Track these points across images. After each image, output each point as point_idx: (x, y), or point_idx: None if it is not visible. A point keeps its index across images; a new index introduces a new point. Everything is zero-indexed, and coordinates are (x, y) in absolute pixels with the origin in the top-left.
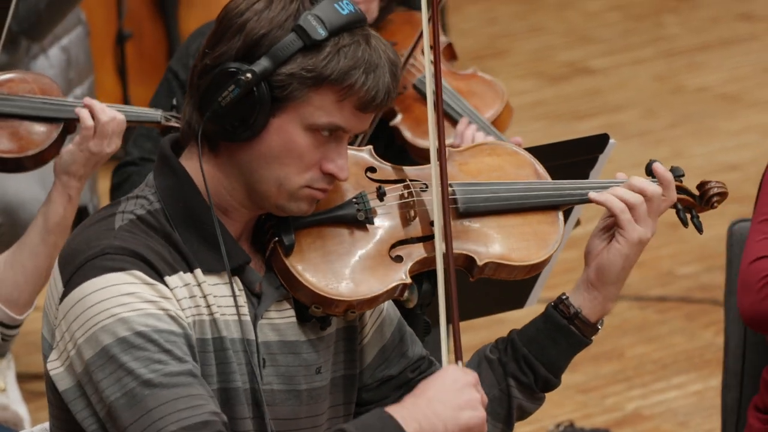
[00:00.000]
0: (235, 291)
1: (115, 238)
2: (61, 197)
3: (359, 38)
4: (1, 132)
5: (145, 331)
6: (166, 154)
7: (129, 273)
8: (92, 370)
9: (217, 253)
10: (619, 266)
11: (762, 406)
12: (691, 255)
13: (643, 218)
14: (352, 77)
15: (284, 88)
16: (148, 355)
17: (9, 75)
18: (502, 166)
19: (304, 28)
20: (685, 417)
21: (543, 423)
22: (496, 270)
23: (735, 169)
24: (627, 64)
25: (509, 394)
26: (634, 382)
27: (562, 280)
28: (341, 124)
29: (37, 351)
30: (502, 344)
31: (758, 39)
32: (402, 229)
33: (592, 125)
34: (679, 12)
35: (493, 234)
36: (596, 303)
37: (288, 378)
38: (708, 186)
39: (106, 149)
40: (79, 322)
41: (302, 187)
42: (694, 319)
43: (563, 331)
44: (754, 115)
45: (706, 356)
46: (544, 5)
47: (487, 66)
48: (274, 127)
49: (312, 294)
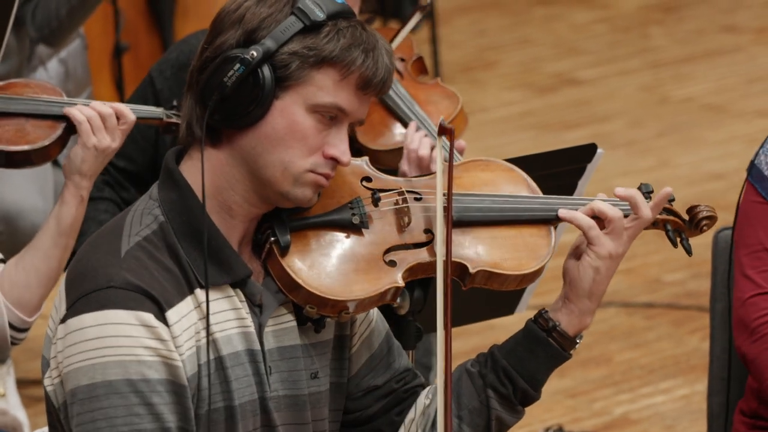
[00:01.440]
0: (237, 304)
1: (122, 267)
2: (74, 198)
3: (355, 23)
4: (8, 128)
5: (134, 380)
6: (170, 167)
7: (131, 313)
8: (76, 399)
9: (218, 266)
10: (590, 279)
11: (747, 411)
12: (678, 262)
13: (617, 233)
14: (352, 54)
15: (287, 68)
16: (128, 406)
17: (12, 80)
18: (495, 180)
19: (303, 10)
20: (672, 421)
21: (533, 427)
22: (488, 279)
23: (720, 178)
24: (614, 75)
25: (488, 405)
26: (622, 386)
27: (551, 287)
28: (343, 104)
29: (36, 357)
30: (483, 357)
31: (742, 50)
32: (396, 234)
33: (580, 135)
34: (664, 24)
35: (485, 244)
36: (573, 317)
37: (291, 383)
38: (697, 210)
39: (111, 144)
40: (73, 351)
41: (306, 171)
42: (680, 325)
43: (542, 344)
44: (738, 125)
45: (692, 361)
46: (532, 18)
47: (477, 77)
48: (277, 109)
49: (307, 293)
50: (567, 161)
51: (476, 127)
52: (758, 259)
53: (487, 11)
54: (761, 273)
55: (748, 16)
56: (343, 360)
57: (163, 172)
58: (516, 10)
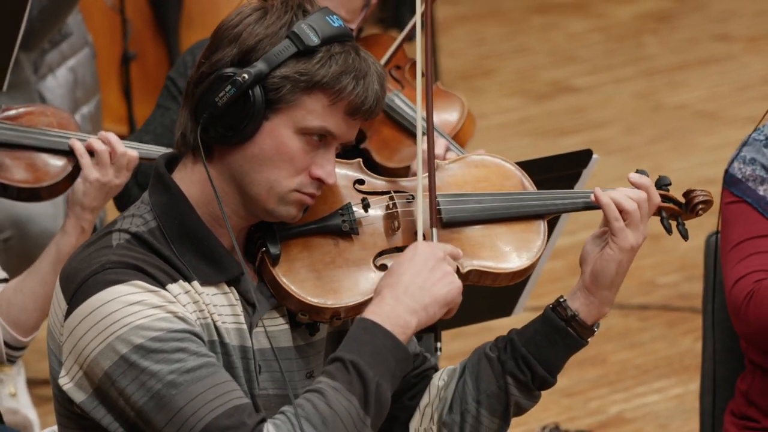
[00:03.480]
0: (233, 300)
1: (114, 254)
2: (75, 229)
3: (349, 48)
4: (19, 162)
5: (159, 335)
6: (160, 171)
7: (131, 284)
8: (114, 378)
9: (212, 265)
10: (612, 271)
11: (737, 412)
12: (672, 265)
13: (636, 224)
14: (343, 82)
15: (278, 91)
16: (166, 357)
17: (30, 108)
18: (489, 177)
19: (298, 35)
20: (666, 420)
21: (529, 425)
22: (480, 277)
23: (712, 183)
24: (609, 83)
25: (507, 391)
26: (616, 386)
27: (548, 289)
28: (331, 128)
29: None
30: (502, 343)
31: (734, 58)
32: (387, 239)
33: (576, 141)
34: (658, 33)
35: (476, 243)
36: (593, 307)
37: (282, 383)
38: (694, 194)
39: (115, 180)
40: (90, 336)
41: (292, 191)
42: (674, 326)
43: (561, 333)
44: (730, 131)
45: (685, 362)
46: (529, 27)
47: (475, 85)
48: (266, 130)
49: (298, 302)
50: (563, 166)
51: (475, 134)
52: (739, 250)
53: (486, 20)
54: (741, 261)
55: (739, 26)
56: None
57: (153, 176)
58: (513, 20)
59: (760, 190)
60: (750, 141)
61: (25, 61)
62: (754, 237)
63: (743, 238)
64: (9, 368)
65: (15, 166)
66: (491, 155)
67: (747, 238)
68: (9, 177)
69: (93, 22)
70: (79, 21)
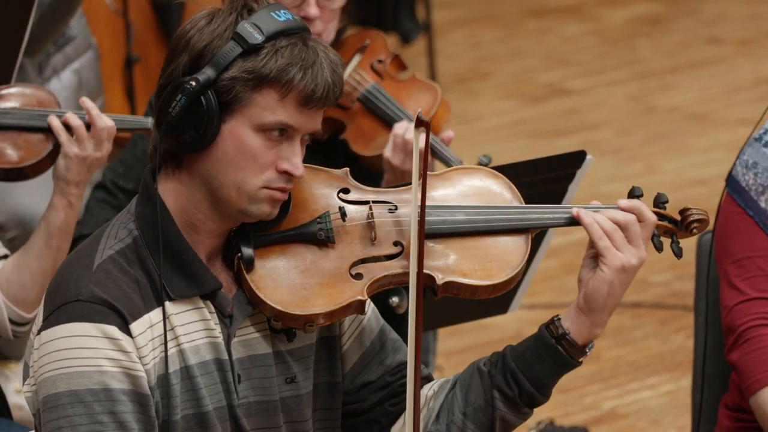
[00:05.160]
0: (206, 315)
1: (90, 280)
2: (61, 203)
3: (296, 40)
4: (2, 144)
5: (96, 389)
6: (146, 183)
7: (94, 325)
8: (44, 408)
9: (188, 279)
10: (604, 293)
11: (731, 405)
12: (664, 264)
13: (623, 245)
14: (289, 73)
15: (229, 92)
16: (91, 414)
17: (9, 90)
18: (475, 189)
19: (242, 35)
20: (658, 415)
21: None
22: (458, 289)
23: (704, 184)
24: (602, 85)
25: (493, 405)
26: (610, 382)
27: (543, 287)
28: (287, 121)
29: None
30: (495, 357)
31: (725, 62)
32: (363, 248)
33: (570, 142)
34: (651, 36)
35: (455, 255)
36: (584, 327)
37: (263, 390)
38: (689, 212)
39: (95, 154)
40: (47, 360)
41: (260, 188)
42: (666, 323)
43: (550, 350)
44: (721, 133)
45: (677, 358)
46: (524, 30)
47: (472, 87)
48: (226, 133)
49: (271, 309)
50: (558, 167)
51: (471, 135)
52: (742, 267)
53: (482, 25)
54: (745, 281)
55: (730, 29)
56: (335, 360)
57: (141, 187)
58: (509, 24)
59: (762, 201)
60: (750, 142)
61: (29, 66)
62: (756, 256)
63: (745, 255)
64: (15, 364)
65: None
66: (478, 167)
67: (749, 256)
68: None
69: (97, 26)
70: (83, 24)
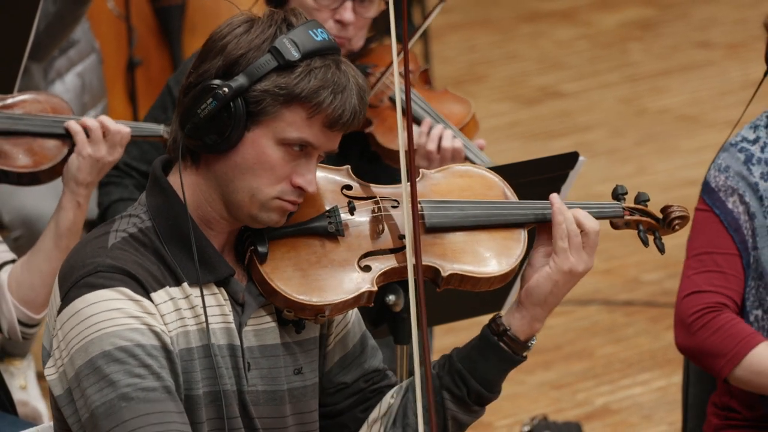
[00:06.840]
0: (221, 301)
1: (107, 256)
2: (71, 203)
3: (330, 62)
4: (17, 149)
5: (128, 345)
6: (157, 174)
7: (116, 290)
8: (81, 378)
9: (202, 266)
10: (546, 290)
11: (719, 404)
12: (655, 263)
13: (576, 250)
14: (320, 96)
15: (258, 104)
16: (128, 369)
17: (24, 96)
18: (472, 186)
19: (279, 50)
20: (650, 411)
21: (519, 417)
22: (461, 281)
23: (694, 185)
24: (595, 88)
25: (443, 405)
26: (602, 379)
27: None
28: (310, 140)
29: None
30: (443, 360)
31: (715, 65)
32: (371, 241)
33: (564, 144)
34: (642, 40)
35: (458, 248)
36: (524, 322)
37: (271, 379)
38: (670, 209)
39: (108, 157)
40: (73, 334)
41: (273, 198)
42: (657, 321)
43: (493, 348)
44: (711, 134)
45: (668, 355)
46: (518, 35)
47: (467, 90)
48: (248, 141)
49: (284, 299)
50: (551, 168)
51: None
52: (700, 261)
53: (477, 29)
54: (699, 274)
55: (720, 33)
56: (320, 357)
57: (150, 179)
58: (504, 28)
59: (729, 203)
60: (726, 147)
61: (36, 70)
62: (716, 252)
63: (705, 250)
64: (19, 362)
65: (13, 152)
66: (475, 166)
67: (709, 251)
68: (8, 163)
69: (100, 30)
70: (86, 29)
